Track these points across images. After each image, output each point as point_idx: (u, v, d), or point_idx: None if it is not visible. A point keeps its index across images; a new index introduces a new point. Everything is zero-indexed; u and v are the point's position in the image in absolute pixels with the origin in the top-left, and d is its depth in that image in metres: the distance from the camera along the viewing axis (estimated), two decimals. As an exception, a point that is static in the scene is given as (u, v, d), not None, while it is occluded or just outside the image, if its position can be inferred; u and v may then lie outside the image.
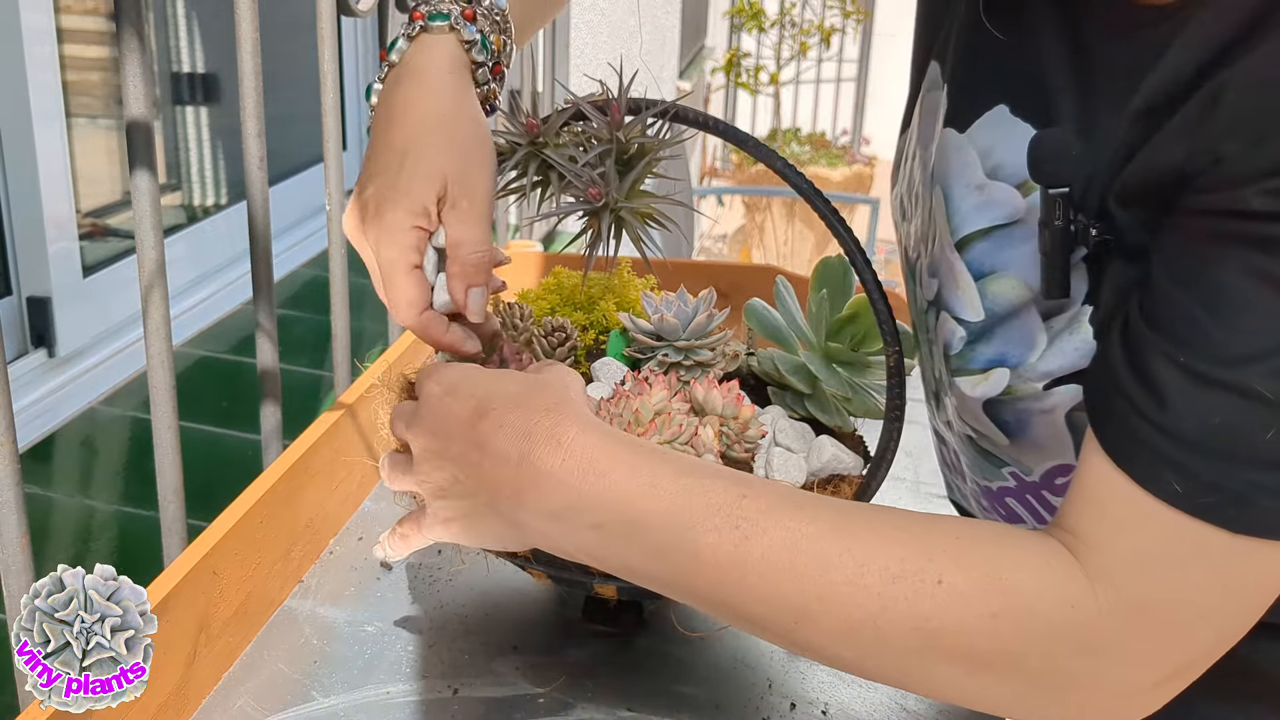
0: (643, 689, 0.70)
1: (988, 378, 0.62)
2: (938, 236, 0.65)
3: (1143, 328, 0.50)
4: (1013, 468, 0.65)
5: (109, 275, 1.47)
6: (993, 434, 0.64)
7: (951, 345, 0.64)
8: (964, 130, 0.64)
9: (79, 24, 1.45)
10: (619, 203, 0.64)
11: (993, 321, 0.61)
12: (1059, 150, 0.55)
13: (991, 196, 0.61)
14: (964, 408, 0.65)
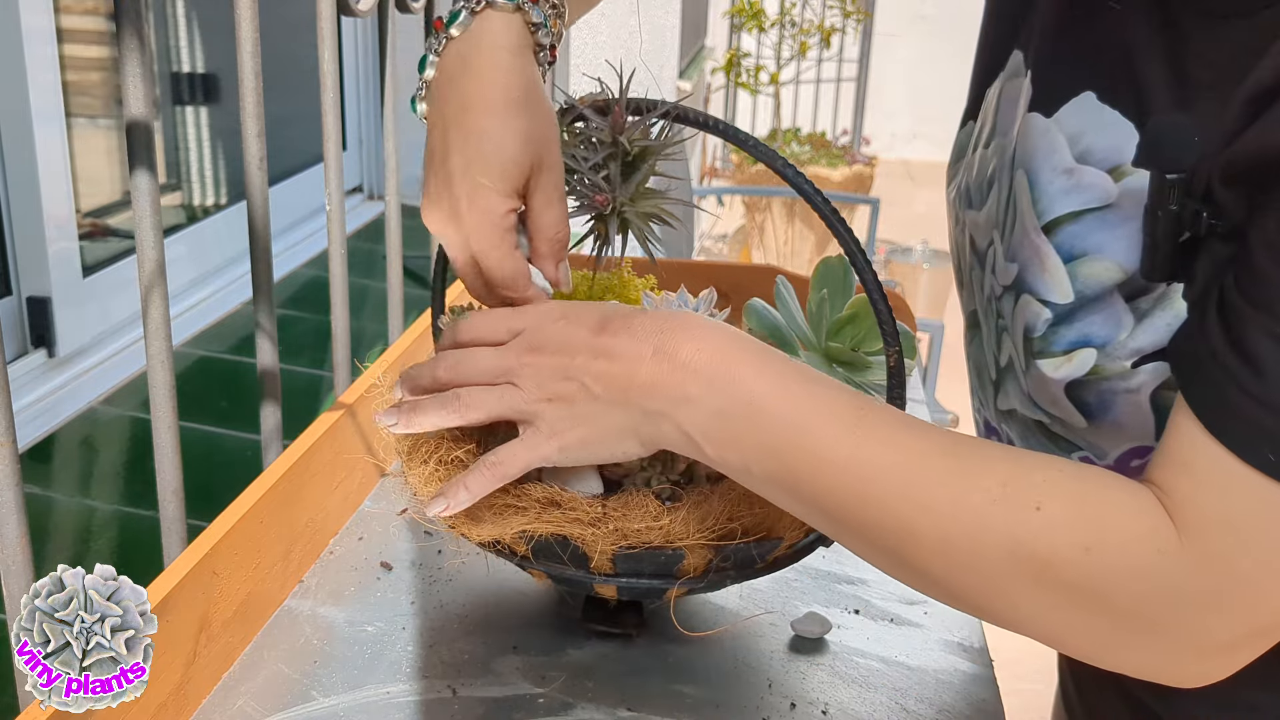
0: (643, 689, 0.70)
1: (1071, 359, 0.62)
2: (1019, 221, 0.65)
3: (1240, 302, 0.51)
4: (1085, 452, 0.65)
5: (109, 275, 1.47)
6: (1070, 417, 0.64)
7: (1035, 328, 0.64)
8: (1050, 115, 0.64)
9: (79, 24, 1.45)
10: (624, 205, 0.65)
11: (1080, 304, 0.62)
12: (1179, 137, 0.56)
13: (1081, 181, 0.62)
14: (1041, 391, 0.65)
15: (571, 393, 0.59)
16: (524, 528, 0.63)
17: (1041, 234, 0.63)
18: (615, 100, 0.65)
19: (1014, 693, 0.81)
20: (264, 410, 0.92)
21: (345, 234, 1.01)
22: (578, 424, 0.59)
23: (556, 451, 0.60)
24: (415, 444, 0.68)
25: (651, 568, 0.65)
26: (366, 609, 0.78)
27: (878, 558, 0.57)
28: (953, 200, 0.77)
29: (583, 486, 0.65)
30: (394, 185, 1.15)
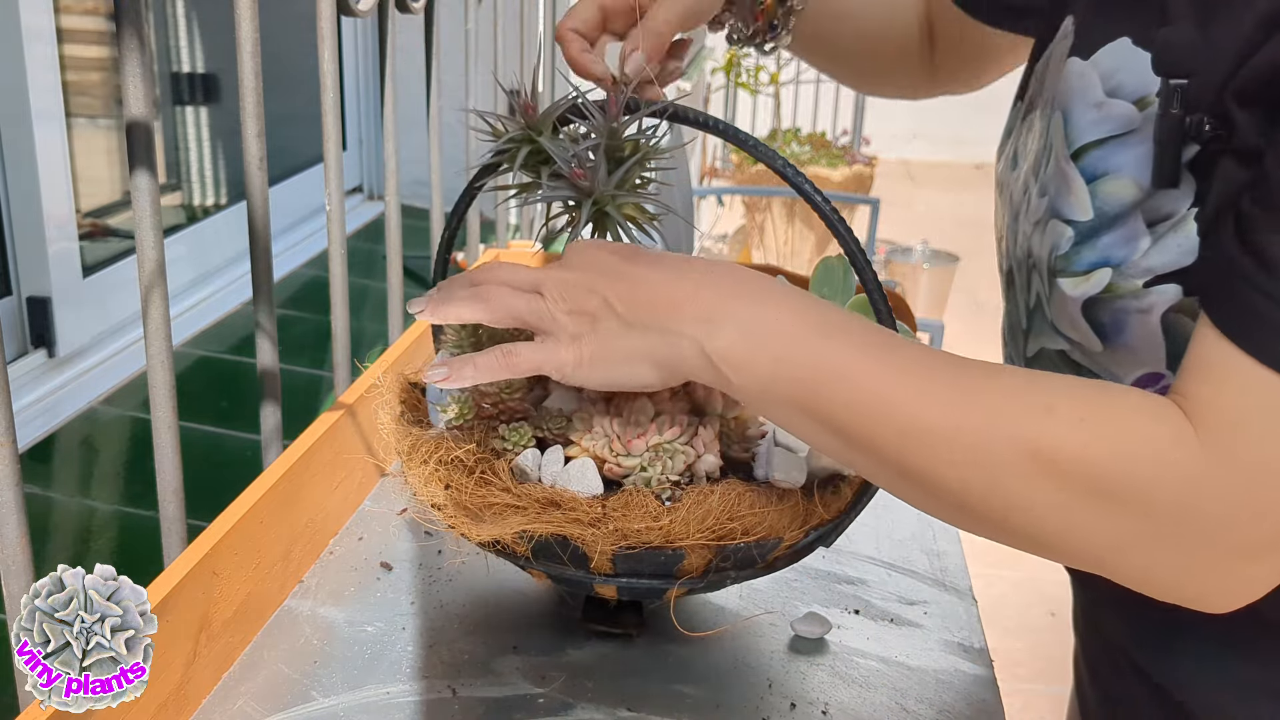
0: (643, 689, 0.70)
1: (1089, 278, 0.64)
2: (1053, 157, 0.68)
3: (1255, 211, 0.53)
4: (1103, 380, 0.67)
5: (109, 275, 1.47)
6: (1088, 340, 0.66)
7: (1059, 247, 0.66)
8: (1087, 58, 0.67)
9: (79, 24, 1.45)
10: (602, 192, 0.64)
11: (1100, 223, 0.64)
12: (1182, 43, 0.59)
13: (1109, 112, 0.65)
14: (1061, 314, 0.67)
15: (595, 307, 0.59)
16: (524, 528, 0.63)
17: (1069, 161, 0.66)
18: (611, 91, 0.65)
19: (1014, 693, 0.82)
20: (264, 410, 0.92)
21: (345, 234, 1.01)
22: (596, 339, 0.60)
23: (571, 362, 0.60)
24: (415, 444, 0.68)
25: (651, 568, 0.65)
26: (366, 609, 0.78)
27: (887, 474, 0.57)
28: (1000, 172, 0.80)
29: (583, 486, 0.65)
30: (394, 185, 1.15)
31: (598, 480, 0.65)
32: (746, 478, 0.67)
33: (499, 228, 1.77)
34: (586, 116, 0.65)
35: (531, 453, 0.67)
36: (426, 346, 1.03)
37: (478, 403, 0.69)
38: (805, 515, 0.65)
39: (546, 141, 0.65)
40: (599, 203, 0.65)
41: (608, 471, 0.65)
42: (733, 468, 0.68)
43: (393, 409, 0.73)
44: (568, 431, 0.67)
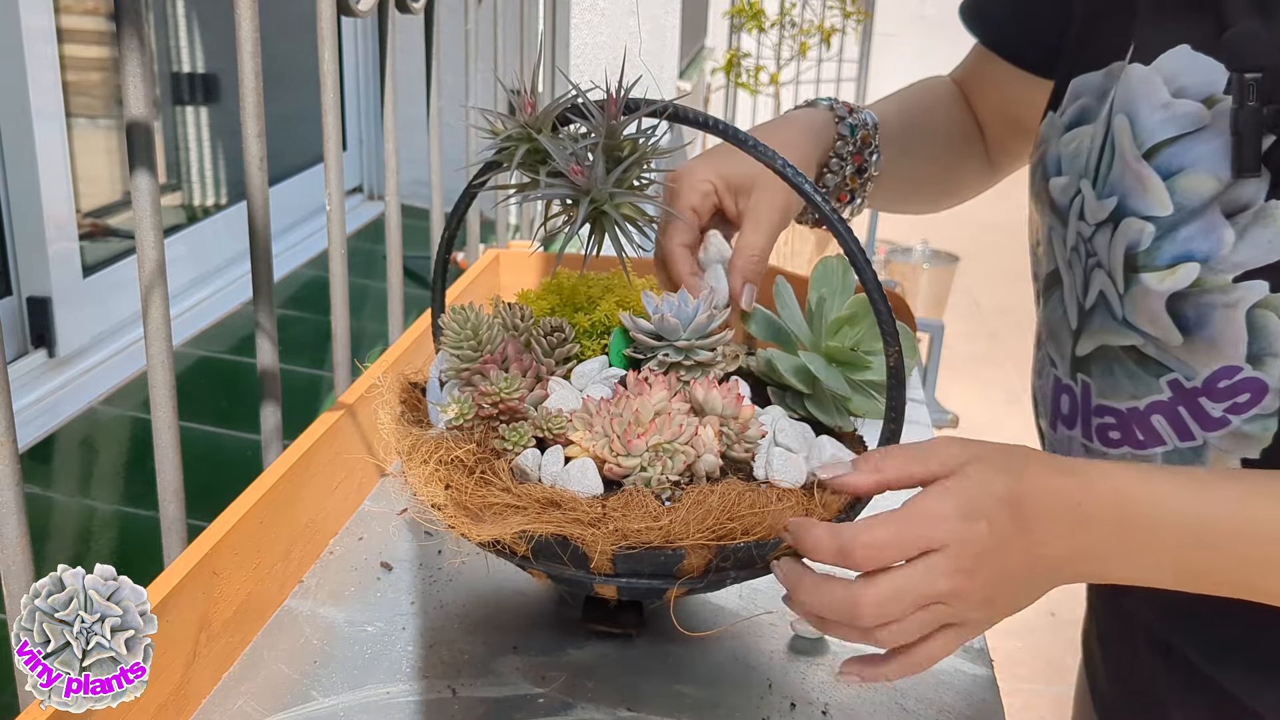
0: (643, 689, 0.70)
1: (1175, 272, 0.66)
2: (1118, 158, 0.71)
3: None
4: (1175, 374, 0.69)
5: (109, 275, 1.47)
6: (1167, 334, 0.68)
7: (1140, 243, 0.68)
8: (1148, 64, 0.70)
9: (79, 24, 1.45)
10: (600, 191, 0.64)
11: (1180, 217, 0.66)
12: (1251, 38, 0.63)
13: (1177, 111, 0.67)
14: (1140, 310, 0.69)
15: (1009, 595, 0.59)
16: (524, 528, 0.63)
17: (1141, 160, 0.68)
18: (610, 92, 0.65)
19: (1014, 693, 0.82)
20: (264, 410, 0.92)
21: (345, 234, 1.01)
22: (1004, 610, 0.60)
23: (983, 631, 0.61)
24: (415, 444, 0.68)
25: (651, 568, 0.65)
26: (366, 609, 0.78)
27: None
28: (1038, 177, 0.81)
29: (583, 486, 0.65)
30: (394, 185, 1.15)
31: (598, 480, 0.65)
32: (746, 478, 0.67)
33: (499, 227, 1.77)
34: (586, 116, 0.65)
35: (531, 453, 0.67)
36: (426, 347, 1.03)
37: (478, 403, 0.69)
38: (805, 515, 0.65)
39: (545, 140, 0.65)
40: (596, 201, 0.65)
41: (608, 471, 0.65)
42: (733, 468, 0.68)
43: (393, 409, 0.73)
44: (568, 431, 0.67)
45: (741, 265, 0.75)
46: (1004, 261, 5.54)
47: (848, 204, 0.89)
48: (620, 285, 0.86)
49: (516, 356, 0.73)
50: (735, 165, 0.77)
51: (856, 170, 0.87)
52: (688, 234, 0.76)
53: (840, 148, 0.86)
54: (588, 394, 0.71)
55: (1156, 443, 0.71)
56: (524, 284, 1.29)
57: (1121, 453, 0.73)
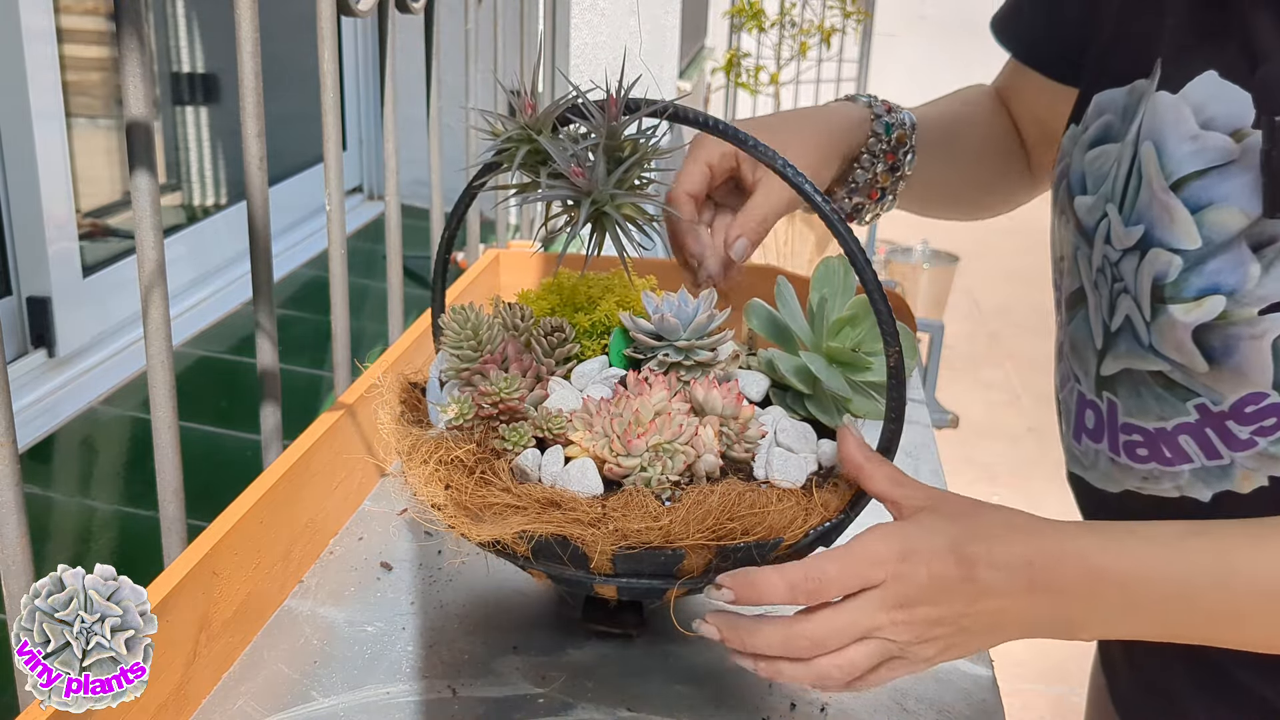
0: (643, 689, 0.70)
1: (1201, 304, 0.67)
2: (1144, 186, 0.71)
3: None
4: (1202, 399, 0.69)
5: (109, 275, 1.47)
6: (1193, 362, 0.68)
7: (1166, 275, 0.69)
8: (1175, 92, 0.70)
9: (79, 24, 1.45)
10: (601, 192, 0.64)
11: (1208, 250, 0.67)
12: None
13: (1206, 144, 0.67)
14: (1167, 338, 0.69)
15: (948, 634, 0.60)
16: (524, 528, 0.63)
17: (1169, 192, 0.68)
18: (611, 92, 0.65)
19: (1014, 693, 0.82)
20: (264, 410, 0.92)
21: (345, 234, 1.01)
22: (950, 651, 0.61)
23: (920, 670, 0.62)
24: (415, 444, 0.68)
25: (651, 568, 0.65)
26: (366, 609, 0.78)
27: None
28: (1061, 192, 0.81)
29: (583, 486, 0.65)
30: (394, 185, 1.15)
31: (598, 480, 0.65)
32: (746, 478, 0.67)
33: (499, 228, 1.77)
34: (586, 116, 0.65)
35: (531, 453, 0.67)
36: (426, 347, 1.03)
37: (478, 403, 0.69)
38: (805, 515, 0.65)
39: (545, 140, 0.65)
40: (597, 202, 0.65)
41: (608, 471, 0.65)
42: (733, 468, 0.68)
43: (393, 409, 0.73)
44: (568, 431, 0.67)
45: (742, 221, 0.77)
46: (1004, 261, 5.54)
47: (878, 201, 0.90)
48: (620, 285, 0.86)
49: (516, 356, 0.73)
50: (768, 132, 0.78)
51: (889, 168, 0.88)
52: (698, 183, 0.78)
53: (873, 144, 0.86)
54: (588, 394, 0.71)
55: (1183, 460, 0.71)
56: (524, 284, 1.29)
57: (1149, 468, 0.74)
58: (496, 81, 1.57)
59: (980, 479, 3.47)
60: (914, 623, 0.59)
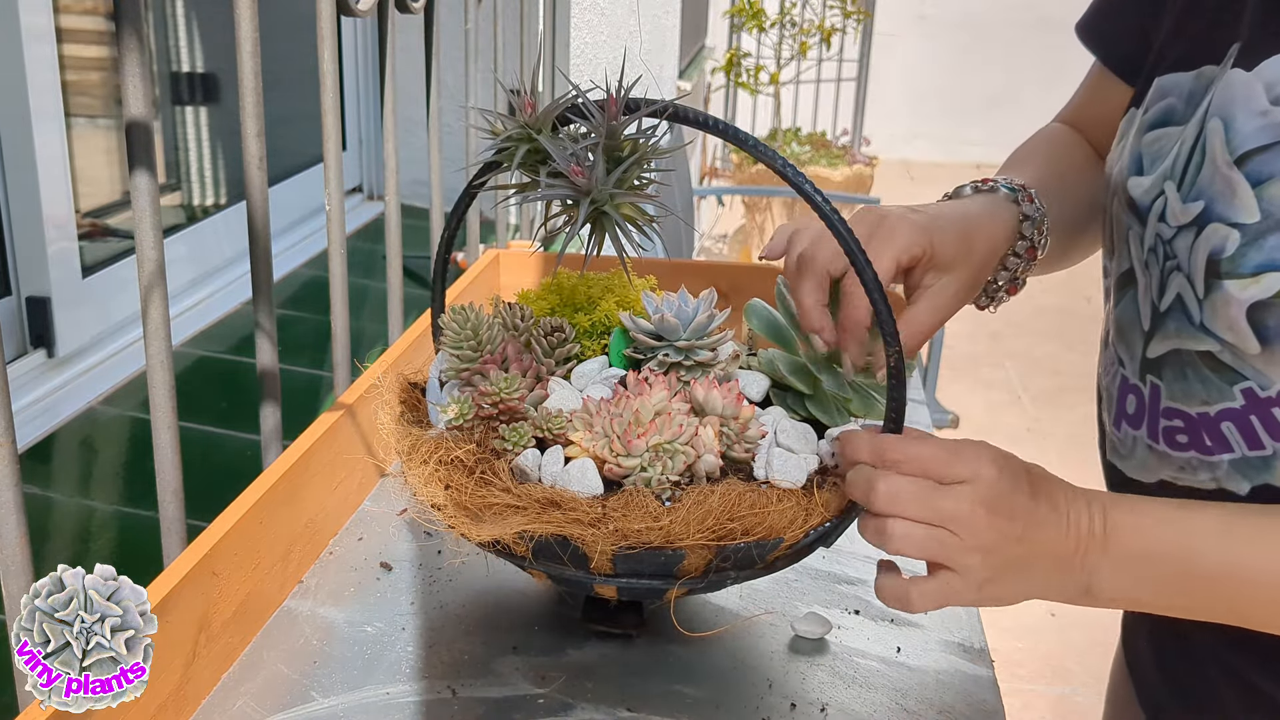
0: (643, 689, 0.70)
1: (1259, 281, 0.66)
2: (1208, 162, 0.70)
3: None
4: (1249, 383, 0.69)
5: (109, 275, 1.47)
6: (1244, 342, 0.68)
7: (1223, 250, 0.68)
8: (1250, 69, 0.69)
9: (79, 24, 1.45)
10: (600, 191, 0.64)
11: (1268, 226, 0.66)
12: None
13: (1273, 119, 0.67)
14: (1220, 316, 0.69)
15: (1007, 558, 0.62)
16: (524, 528, 0.63)
17: (1233, 166, 0.68)
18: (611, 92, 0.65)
19: (1014, 693, 0.82)
20: (264, 410, 0.92)
21: (345, 234, 1.01)
22: (1000, 585, 0.63)
23: (972, 600, 0.64)
24: (415, 444, 0.68)
25: (651, 568, 0.65)
26: (366, 609, 0.78)
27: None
28: (1116, 174, 0.81)
29: (583, 486, 0.65)
30: (394, 185, 1.15)
31: (598, 480, 0.65)
32: (747, 478, 0.67)
33: (499, 227, 1.77)
34: (586, 116, 0.65)
35: (531, 453, 0.66)
36: (426, 346, 1.03)
37: (478, 403, 0.69)
38: (805, 515, 0.65)
39: (545, 140, 0.65)
40: (596, 201, 0.65)
41: (608, 472, 0.65)
42: (733, 468, 0.68)
43: (393, 409, 0.73)
44: (568, 432, 0.67)
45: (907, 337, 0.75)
46: (1004, 261, 5.54)
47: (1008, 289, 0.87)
48: (620, 285, 0.86)
49: (516, 356, 0.73)
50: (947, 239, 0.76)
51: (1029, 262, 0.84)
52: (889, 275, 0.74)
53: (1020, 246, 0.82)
54: (588, 394, 0.71)
55: (1224, 449, 0.71)
56: (524, 284, 1.29)
57: (1188, 456, 0.73)
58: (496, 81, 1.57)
59: (980, 479, 3.47)
60: (987, 527, 0.61)
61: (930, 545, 0.62)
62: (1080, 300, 4.96)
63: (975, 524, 0.61)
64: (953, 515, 0.61)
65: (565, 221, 0.67)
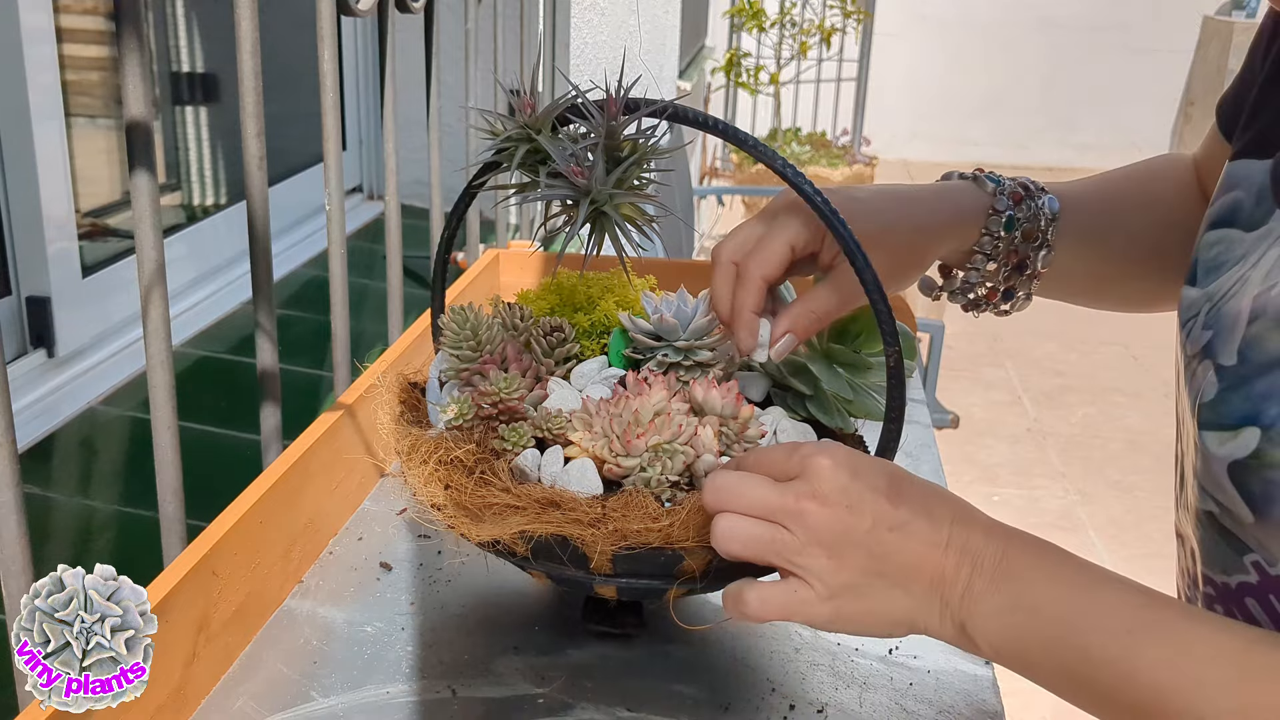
0: (643, 689, 0.70)
1: (1237, 435, 0.56)
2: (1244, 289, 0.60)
3: None
4: (1256, 555, 0.58)
5: (109, 275, 1.47)
6: (1236, 507, 0.58)
7: (1205, 393, 0.59)
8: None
9: (79, 24, 1.45)
10: (600, 191, 0.64)
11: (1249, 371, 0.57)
12: None
13: None
14: (1207, 473, 0.59)
15: (857, 562, 0.55)
16: (524, 528, 0.63)
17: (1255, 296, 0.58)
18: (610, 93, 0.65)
19: (1014, 693, 0.81)
20: (264, 410, 0.92)
21: (345, 234, 1.01)
22: (859, 598, 0.56)
23: (827, 618, 0.56)
24: (415, 444, 0.68)
25: (651, 568, 0.65)
26: (366, 609, 0.78)
27: None
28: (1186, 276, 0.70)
29: (583, 486, 0.65)
30: (394, 185, 1.15)
31: (597, 480, 0.65)
32: (746, 478, 0.67)
33: (499, 227, 1.77)
34: (585, 116, 0.65)
35: (531, 453, 0.67)
36: (426, 347, 1.03)
37: (477, 403, 0.69)
38: (805, 515, 0.65)
39: (545, 140, 0.65)
40: (596, 201, 0.65)
41: (607, 472, 0.65)
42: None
43: (393, 409, 0.73)
44: (567, 432, 0.67)
45: (797, 316, 0.68)
46: (1004, 261, 5.54)
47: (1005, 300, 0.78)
48: (620, 285, 0.86)
49: (516, 356, 0.73)
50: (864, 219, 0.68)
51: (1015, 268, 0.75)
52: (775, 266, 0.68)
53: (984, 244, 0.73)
54: (587, 394, 0.71)
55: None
56: (524, 284, 1.29)
57: None
58: (496, 81, 1.57)
59: (981, 479, 3.47)
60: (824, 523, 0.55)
61: (758, 541, 0.56)
62: (1080, 300, 4.96)
63: (806, 515, 0.55)
64: (778, 507, 0.55)
65: (565, 221, 0.67)
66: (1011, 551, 0.54)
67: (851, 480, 0.56)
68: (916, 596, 0.55)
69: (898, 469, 0.58)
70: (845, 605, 0.56)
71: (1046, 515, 3.28)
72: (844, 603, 0.56)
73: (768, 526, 0.56)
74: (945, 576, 0.55)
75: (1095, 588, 0.54)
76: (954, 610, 0.55)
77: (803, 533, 0.55)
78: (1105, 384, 4.28)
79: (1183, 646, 0.51)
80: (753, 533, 0.56)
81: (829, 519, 0.55)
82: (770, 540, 0.56)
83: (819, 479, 0.56)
